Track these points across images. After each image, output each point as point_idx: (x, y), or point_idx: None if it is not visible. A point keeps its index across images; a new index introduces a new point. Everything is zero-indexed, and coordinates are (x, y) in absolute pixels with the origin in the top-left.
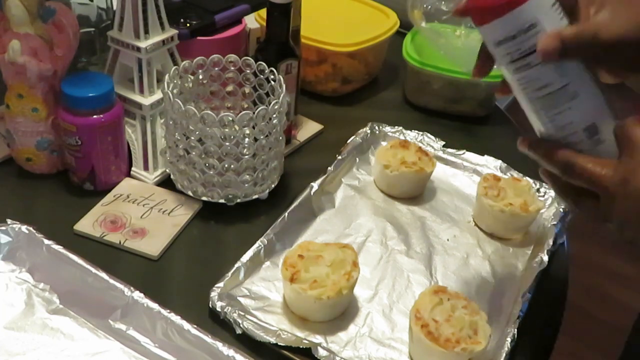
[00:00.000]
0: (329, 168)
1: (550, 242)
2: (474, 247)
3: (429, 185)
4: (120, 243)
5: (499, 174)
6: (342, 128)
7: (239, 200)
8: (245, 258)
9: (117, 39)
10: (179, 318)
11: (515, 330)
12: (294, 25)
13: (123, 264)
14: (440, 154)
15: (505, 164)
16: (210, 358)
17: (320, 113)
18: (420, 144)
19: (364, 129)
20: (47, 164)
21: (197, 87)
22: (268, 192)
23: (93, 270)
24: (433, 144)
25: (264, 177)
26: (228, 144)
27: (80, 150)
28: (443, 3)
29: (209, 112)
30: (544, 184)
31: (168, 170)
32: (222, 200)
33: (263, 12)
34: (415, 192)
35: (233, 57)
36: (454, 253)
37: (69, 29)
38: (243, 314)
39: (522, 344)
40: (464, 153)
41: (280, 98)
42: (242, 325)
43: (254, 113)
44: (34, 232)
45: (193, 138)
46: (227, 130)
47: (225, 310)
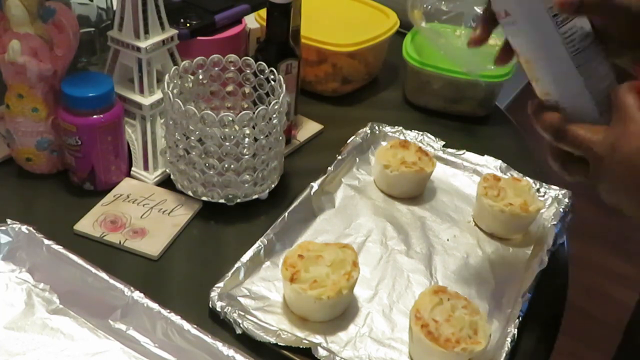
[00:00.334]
0: (329, 168)
1: (550, 242)
2: (474, 247)
3: (429, 185)
4: (120, 243)
5: (499, 174)
6: (342, 128)
7: (239, 200)
8: (245, 258)
9: (117, 39)
10: (179, 318)
11: (515, 330)
12: (294, 25)
13: (123, 264)
14: (440, 154)
15: (505, 164)
16: (210, 358)
17: (320, 113)
18: (420, 144)
19: (364, 129)
20: (47, 164)
21: (197, 87)
22: (268, 192)
23: (93, 270)
24: (433, 144)
25: (264, 177)
26: (228, 144)
27: (80, 150)
28: (443, 3)
29: (209, 112)
30: (544, 184)
31: (168, 170)
32: (222, 200)
33: (263, 12)
34: (415, 192)
35: (233, 57)
36: (454, 253)
37: (69, 29)
38: (243, 314)
39: (522, 344)
40: (464, 153)
41: (280, 98)
42: (242, 325)
43: (254, 113)
44: (34, 232)
45: (193, 138)
46: (227, 130)
47: (225, 310)
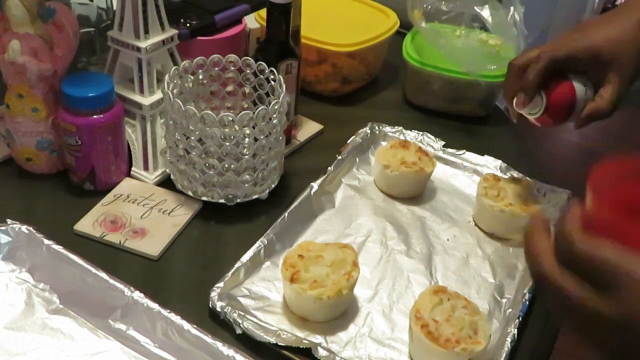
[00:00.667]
0: (329, 168)
1: None
2: (474, 247)
3: (429, 185)
4: (120, 243)
5: (499, 174)
6: (342, 128)
7: (239, 200)
8: (245, 258)
9: (117, 39)
10: (179, 318)
11: (515, 330)
12: (294, 25)
13: (123, 264)
14: (440, 154)
15: (505, 164)
16: (210, 358)
17: (320, 113)
18: (420, 144)
19: (364, 129)
20: (47, 164)
21: (197, 87)
22: (268, 192)
23: (93, 270)
24: (433, 144)
25: (264, 177)
26: (228, 144)
27: (80, 150)
28: (443, 3)
29: (209, 112)
30: (544, 184)
31: (168, 170)
32: (222, 200)
33: (263, 12)
34: (415, 192)
35: (233, 57)
36: (454, 253)
37: (69, 29)
38: (243, 314)
39: (522, 344)
40: (464, 153)
41: (280, 98)
42: (242, 325)
43: (254, 113)
44: (34, 232)
45: (193, 138)
46: (227, 130)
47: (225, 310)
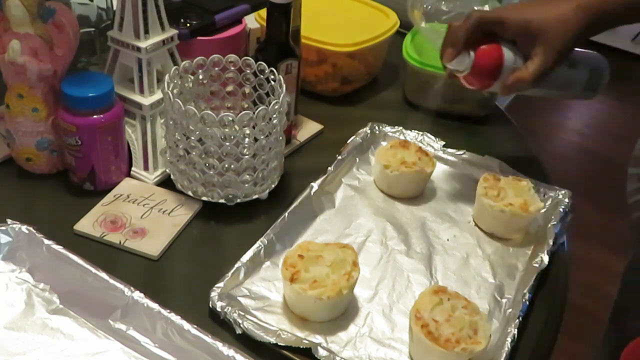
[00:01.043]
0: (329, 168)
1: (550, 242)
2: (474, 247)
3: (429, 185)
4: (120, 243)
5: (499, 174)
6: (342, 128)
7: (239, 200)
8: (245, 258)
9: (117, 39)
10: (179, 318)
11: (515, 330)
12: (294, 25)
13: (123, 264)
14: (440, 154)
15: (505, 164)
16: (210, 358)
17: (320, 113)
18: (420, 144)
19: (364, 129)
20: (47, 164)
21: (197, 87)
22: (268, 192)
23: (93, 270)
24: (433, 144)
25: (264, 177)
26: (228, 144)
27: (80, 150)
28: (443, 3)
29: (209, 112)
30: (544, 184)
31: (168, 170)
32: (222, 200)
33: (263, 12)
34: (415, 192)
35: (233, 57)
36: (454, 253)
37: (69, 29)
38: (243, 314)
39: (522, 344)
40: (464, 153)
41: (280, 98)
42: (242, 325)
43: (254, 113)
44: (34, 232)
45: (193, 138)
46: (227, 130)
47: (225, 310)
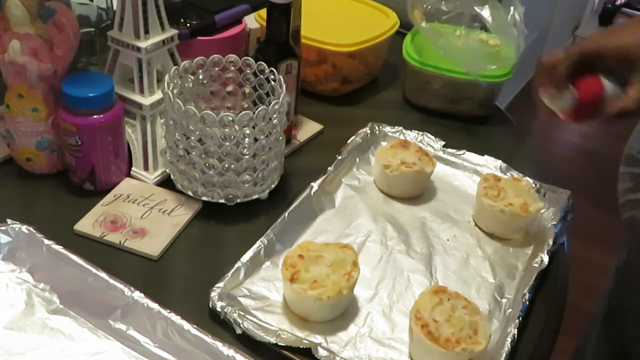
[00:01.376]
0: (329, 168)
1: (550, 242)
2: (474, 247)
3: (429, 185)
4: (120, 243)
5: (499, 174)
6: (342, 128)
7: (239, 200)
8: (245, 258)
9: (117, 39)
10: (179, 318)
11: (515, 330)
12: (294, 25)
13: (123, 264)
14: (440, 154)
15: (505, 164)
16: (210, 358)
17: (320, 113)
18: (420, 144)
19: (364, 129)
20: (47, 164)
21: (197, 87)
22: (268, 192)
23: (93, 270)
24: (433, 144)
25: (264, 177)
26: (228, 144)
27: (80, 150)
28: (443, 3)
29: (209, 112)
30: (544, 184)
31: (168, 170)
32: (222, 200)
33: (263, 12)
34: (415, 192)
35: (233, 57)
36: (454, 253)
37: (69, 29)
38: (243, 314)
39: (522, 344)
40: (464, 153)
41: (280, 98)
42: (242, 325)
43: (254, 113)
44: (34, 232)
45: (193, 138)
46: (227, 130)
47: (225, 310)
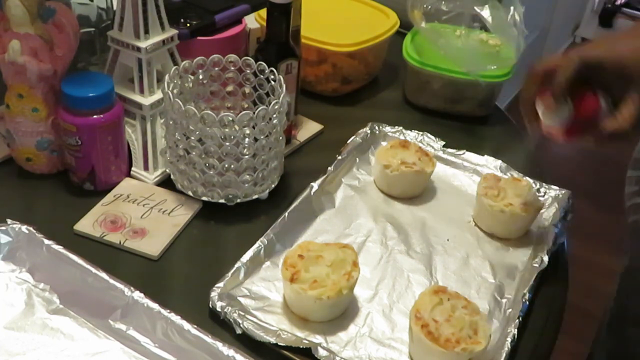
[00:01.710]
0: (329, 168)
1: (550, 242)
2: (474, 247)
3: (429, 185)
4: (120, 243)
5: (499, 174)
6: (342, 128)
7: (239, 200)
8: (245, 258)
9: (117, 39)
10: (179, 318)
11: (515, 330)
12: (294, 25)
13: (123, 264)
14: (440, 154)
15: (505, 164)
16: (210, 358)
17: (320, 113)
18: (420, 144)
19: (364, 129)
20: (47, 164)
21: (197, 87)
22: (268, 192)
23: (93, 270)
24: (433, 144)
25: (264, 177)
26: (228, 144)
27: (80, 150)
28: (443, 3)
29: (209, 112)
30: (544, 184)
31: (168, 170)
32: (222, 200)
33: (263, 12)
34: (415, 192)
35: (233, 57)
36: (454, 253)
37: (69, 29)
38: (243, 314)
39: (522, 344)
40: (464, 153)
41: (280, 98)
42: (242, 325)
43: (254, 113)
44: (34, 232)
45: (193, 138)
46: (227, 130)
47: (225, 310)
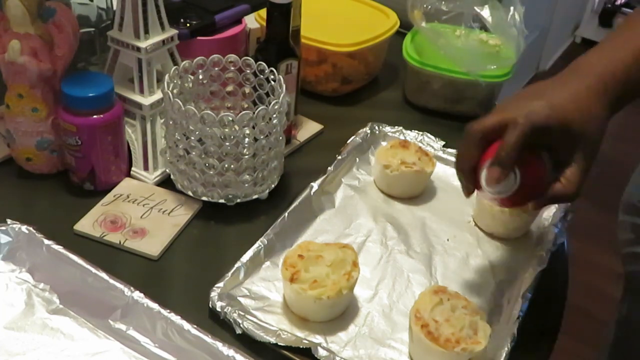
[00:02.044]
0: (329, 168)
1: (550, 242)
2: (474, 247)
3: (429, 185)
4: (120, 243)
5: None
6: (342, 128)
7: (239, 200)
8: (245, 258)
9: (117, 39)
10: (179, 318)
11: (515, 330)
12: (294, 25)
13: (123, 264)
14: (440, 154)
15: None
16: (210, 358)
17: (320, 113)
18: (420, 144)
19: (364, 129)
20: (47, 164)
21: (197, 87)
22: (268, 192)
23: (93, 270)
24: (433, 144)
25: (264, 177)
26: (228, 144)
27: (80, 150)
28: (443, 3)
29: (209, 112)
30: None
31: (168, 170)
32: (222, 200)
33: (263, 12)
34: (415, 192)
35: (233, 57)
36: (454, 253)
37: (69, 29)
38: (243, 314)
39: (522, 344)
40: None
41: (280, 98)
42: (242, 325)
43: (254, 113)
44: (34, 232)
45: (193, 138)
46: (227, 130)
47: (225, 310)
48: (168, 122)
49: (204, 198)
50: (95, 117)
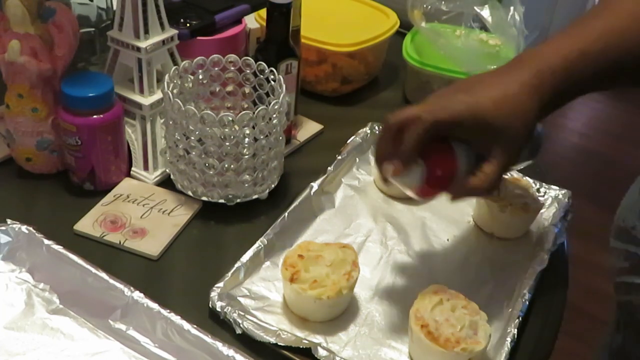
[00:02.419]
0: (329, 168)
1: (550, 242)
2: (474, 247)
3: None
4: (120, 243)
5: None
6: (342, 128)
7: (239, 200)
8: (245, 258)
9: (117, 39)
10: (179, 318)
11: (515, 330)
12: (294, 25)
13: (123, 264)
14: None
15: None
16: (210, 358)
17: (320, 113)
18: None
19: (364, 129)
20: (47, 164)
21: (197, 87)
22: (268, 192)
23: (93, 270)
24: None
25: (264, 177)
26: (228, 144)
27: (80, 150)
28: (443, 3)
29: (209, 112)
30: (544, 184)
31: (168, 170)
32: (222, 200)
33: (263, 12)
34: None
35: (233, 57)
36: (454, 253)
37: (69, 29)
38: (243, 314)
39: (522, 344)
40: None
41: (280, 98)
42: (242, 325)
43: (254, 113)
44: (34, 232)
45: (193, 138)
46: (227, 130)
47: (225, 310)
48: (168, 122)
49: (204, 198)
50: (95, 117)
